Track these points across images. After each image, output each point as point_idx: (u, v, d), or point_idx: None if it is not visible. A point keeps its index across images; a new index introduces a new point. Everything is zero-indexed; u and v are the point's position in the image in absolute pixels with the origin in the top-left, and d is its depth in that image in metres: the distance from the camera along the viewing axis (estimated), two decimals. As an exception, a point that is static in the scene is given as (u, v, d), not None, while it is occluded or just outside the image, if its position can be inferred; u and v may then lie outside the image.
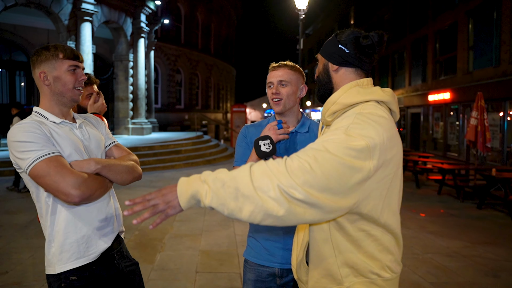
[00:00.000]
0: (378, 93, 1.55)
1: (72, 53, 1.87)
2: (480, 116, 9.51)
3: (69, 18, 13.88)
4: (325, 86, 1.68)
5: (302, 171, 1.24)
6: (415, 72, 22.91)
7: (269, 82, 2.18)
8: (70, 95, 1.86)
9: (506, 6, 14.39)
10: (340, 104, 1.54)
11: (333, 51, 1.64)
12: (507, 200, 7.68)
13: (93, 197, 1.76)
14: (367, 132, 1.35)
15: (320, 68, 1.70)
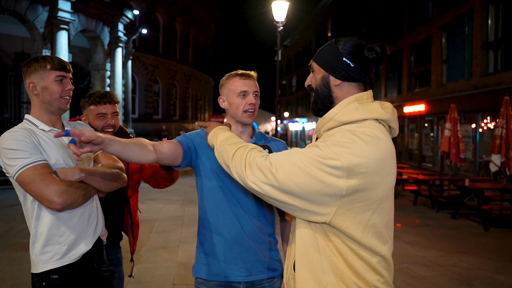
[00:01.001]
0: (377, 111, 1.48)
1: (60, 64, 1.96)
2: (453, 127, 9.75)
3: (45, 26, 13.65)
4: (324, 100, 1.56)
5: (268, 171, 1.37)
6: (390, 84, 23.38)
7: (242, 91, 2.00)
8: (57, 104, 1.96)
9: (477, 22, 14.88)
10: (337, 121, 1.48)
11: (336, 65, 1.52)
12: (480, 210, 7.85)
13: (76, 204, 1.85)
14: (349, 151, 1.33)
15: (318, 80, 1.58)
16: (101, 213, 2.13)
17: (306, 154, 1.36)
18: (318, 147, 1.38)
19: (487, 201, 8.84)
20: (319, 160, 1.32)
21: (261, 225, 2.04)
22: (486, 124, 15.05)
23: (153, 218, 7.75)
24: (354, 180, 1.32)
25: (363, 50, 1.51)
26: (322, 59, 1.57)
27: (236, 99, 2.02)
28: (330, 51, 1.55)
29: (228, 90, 2.05)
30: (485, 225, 7.66)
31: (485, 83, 14.35)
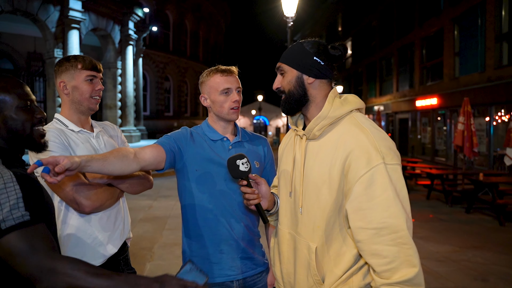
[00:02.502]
0: (356, 102, 1.62)
1: (91, 64, 1.97)
2: (466, 121, 9.62)
3: (56, 26, 13.77)
4: (300, 100, 1.63)
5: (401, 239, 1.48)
6: (402, 78, 23.15)
7: (225, 88, 1.98)
8: (87, 104, 1.97)
9: (490, 13, 14.63)
10: (330, 118, 1.56)
11: (308, 63, 1.60)
12: (494, 204, 7.75)
13: (103, 207, 1.86)
14: (391, 149, 1.50)
15: (290, 80, 1.63)
16: (127, 216, 2.13)
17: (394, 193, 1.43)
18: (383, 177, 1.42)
19: (502, 195, 8.71)
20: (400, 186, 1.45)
21: (249, 224, 2.05)
22: (500, 117, 14.82)
23: (165, 215, 7.80)
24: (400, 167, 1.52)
25: (327, 49, 1.61)
26: (293, 60, 1.63)
27: (220, 97, 1.99)
28: (300, 52, 1.62)
29: (209, 87, 2.02)
30: (500, 219, 7.56)
31: (499, 75, 14.12)
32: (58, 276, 1.18)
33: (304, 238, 1.62)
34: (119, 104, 17.53)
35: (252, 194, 1.67)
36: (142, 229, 6.83)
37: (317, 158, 1.58)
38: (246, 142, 2.11)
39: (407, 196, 1.46)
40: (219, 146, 2.03)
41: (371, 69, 27.91)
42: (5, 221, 1.16)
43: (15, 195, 1.19)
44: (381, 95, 26.30)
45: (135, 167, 1.74)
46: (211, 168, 1.97)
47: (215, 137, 2.04)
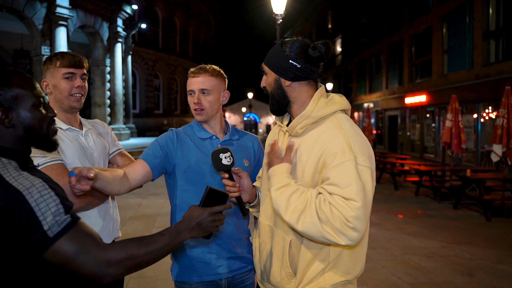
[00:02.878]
0: (341, 103, 1.64)
1: (69, 61, 1.93)
2: (454, 118, 9.71)
3: (43, 23, 13.61)
4: (281, 101, 1.67)
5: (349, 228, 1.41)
6: (392, 75, 23.29)
7: (190, 90, 2.04)
8: (67, 102, 1.94)
9: (478, 11, 14.77)
10: (313, 117, 1.60)
11: (284, 67, 1.62)
12: (481, 200, 7.84)
13: (91, 205, 1.85)
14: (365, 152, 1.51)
15: (270, 82, 1.68)
16: (116, 215, 2.11)
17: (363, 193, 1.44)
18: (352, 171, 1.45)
19: (489, 191, 8.83)
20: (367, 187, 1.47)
21: (238, 223, 2.07)
22: (487, 114, 14.99)
23: (155, 213, 7.77)
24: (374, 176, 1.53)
25: (308, 49, 1.61)
26: (271, 63, 1.66)
27: (188, 98, 2.06)
28: (278, 54, 1.64)
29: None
30: (487, 215, 7.66)
31: (487, 73, 14.28)
32: (116, 265, 1.22)
33: (280, 231, 1.66)
34: (108, 102, 17.41)
35: (233, 187, 1.72)
36: (132, 227, 6.80)
37: (296, 155, 1.62)
38: (236, 140, 2.12)
39: (371, 200, 1.49)
40: (208, 144, 2.04)
41: (361, 66, 28.03)
42: (51, 229, 1.16)
43: (53, 202, 1.18)
44: (371, 92, 26.44)
45: (128, 187, 1.81)
46: (199, 168, 1.99)
47: (203, 136, 2.06)
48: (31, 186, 1.17)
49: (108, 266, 1.21)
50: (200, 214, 1.40)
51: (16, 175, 1.20)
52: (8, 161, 1.25)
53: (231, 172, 1.73)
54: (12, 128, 1.26)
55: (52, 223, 1.16)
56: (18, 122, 1.27)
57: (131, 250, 1.26)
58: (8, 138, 1.27)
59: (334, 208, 1.41)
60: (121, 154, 2.18)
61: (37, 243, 1.15)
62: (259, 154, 2.19)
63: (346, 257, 1.59)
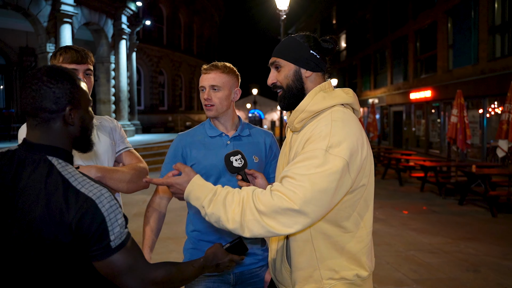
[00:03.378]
0: (342, 96, 1.60)
1: (71, 56, 1.90)
2: (460, 113, 9.67)
3: (48, 20, 13.64)
4: (298, 94, 1.64)
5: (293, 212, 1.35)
6: (396, 70, 23.18)
7: (201, 86, 2.08)
8: None
9: (483, 5, 14.65)
10: (308, 111, 1.58)
11: (305, 57, 1.61)
12: (487, 196, 7.82)
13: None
14: (343, 147, 1.42)
15: (288, 75, 1.64)
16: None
17: (315, 175, 1.38)
18: (317, 157, 1.41)
19: (495, 187, 8.79)
20: (328, 173, 1.38)
21: None
22: (493, 109, 14.90)
23: (160, 210, 7.80)
24: (353, 173, 1.44)
25: (319, 42, 1.64)
26: (289, 55, 1.64)
27: (200, 94, 2.10)
28: (297, 45, 1.63)
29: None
30: (493, 211, 7.63)
31: (492, 68, 14.17)
32: (157, 285, 1.28)
33: None
34: (112, 99, 17.44)
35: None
36: (136, 223, 6.82)
37: (292, 150, 1.63)
38: (246, 136, 2.14)
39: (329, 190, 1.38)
40: (217, 142, 2.09)
41: (366, 62, 27.91)
42: (114, 240, 1.19)
43: (120, 214, 1.22)
44: (376, 88, 26.34)
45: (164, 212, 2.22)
46: (209, 166, 2.04)
47: (213, 134, 2.11)
48: (101, 195, 1.19)
49: (150, 285, 1.26)
50: (223, 257, 1.48)
51: (81, 180, 1.21)
52: (65, 163, 1.25)
53: (244, 173, 1.76)
54: (72, 127, 1.28)
55: (118, 234, 1.20)
56: (78, 121, 1.29)
57: (172, 274, 1.32)
58: (64, 138, 1.28)
59: (277, 193, 1.38)
60: (129, 153, 2.13)
61: (98, 251, 1.18)
62: (273, 150, 2.20)
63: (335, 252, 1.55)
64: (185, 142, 2.11)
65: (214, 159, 2.03)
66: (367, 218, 1.59)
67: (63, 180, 1.18)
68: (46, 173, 1.19)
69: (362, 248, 1.57)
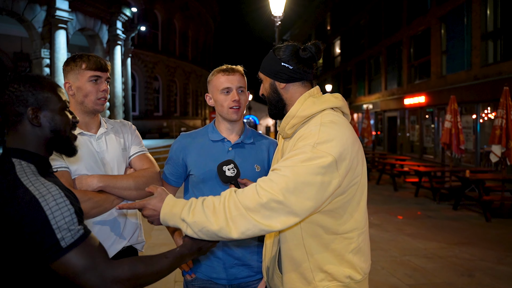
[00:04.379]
0: (331, 101, 1.64)
1: (95, 63, 1.91)
2: (453, 119, 9.74)
3: (43, 26, 13.62)
4: (277, 104, 1.71)
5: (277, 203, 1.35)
6: (390, 76, 23.31)
7: (225, 88, 1.98)
8: (92, 105, 1.92)
9: (476, 12, 14.80)
10: (299, 117, 1.61)
11: (277, 70, 1.67)
12: (480, 201, 7.86)
13: (90, 215, 1.78)
14: (332, 145, 1.43)
15: (266, 87, 1.73)
16: (134, 219, 2.03)
17: (299, 166, 1.39)
18: (304, 152, 1.43)
19: (488, 192, 8.84)
20: (314, 166, 1.39)
21: None
22: (486, 114, 15.00)
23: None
24: (342, 170, 1.44)
25: (298, 51, 1.66)
26: (265, 68, 1.72)
27: (220, 96, 2.00)
28: (271, 59, 1.70)
29: (213, 87, 2.04)
30: (486, 215, 7.67)
31: (485, 73, 14.30)
32: (122, 283, 1.24)
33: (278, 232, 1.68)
34: (107, 105, 17.42)
35: None
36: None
37: (284, 156, 1.61)
38: (248, 144, 2.09)
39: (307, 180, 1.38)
40: (219, 147, 2.04)
41: (360, 67, 28.05)
42: (64, 239, 1.16)
43: (68, 211, 1.18)
44: (370, 93, 26.46)
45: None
46: (208, 172, 2.00)
47: (215, 138, 2.05)
48: (47, 193, 1.18)
49: (114, 284, 1.22)
50: (201, 241, 1.46)
51: (34, 179, 1.21)
52: (27, 164, 1.26)
53: (237, 182, 1.75)
54: (38, 128, 1.30)
55: (66, 233, 1.16)
56: (45, 123, 1.30)
57: (138, 269, 1.28)
58: (33, 141, 1.30)
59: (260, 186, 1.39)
60: (140, 157, 2.08)
61: (48, 252, 1.15)
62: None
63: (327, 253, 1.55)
64: (185, 144, 2.06)
65: (213, 166, 1.97)
66: (358, 219, 1.58)
67: (15, 180, 1.20)
68: (4, 174, 1.22)
69: (353, 249, 1.57)
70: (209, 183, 2.00)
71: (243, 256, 2.02)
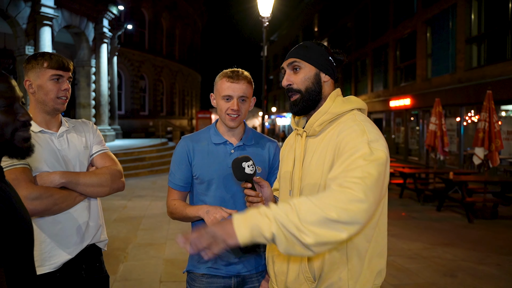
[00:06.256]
0: (358, 102, 1.65)
1: (57, 62, 1.89)
2: (438, 121, 9.86)
3: (28, 22, 13.42)
4: (315, 98, 1.63)
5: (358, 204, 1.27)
6: (377, 78, 23.53)
7: (226, 95, 1.96)
8: (52, 104, 1.90)
9: (461, 16, 15.03)
10: (331, 113, 1.59)
11: (324, 62, 1.64)
12: (463, 202, 7.97)
13: (51, 211, 1.77)
14: (382, 143, 1.45)
15: (309, 77, 1.63)
16: (97, 219, 2.04)
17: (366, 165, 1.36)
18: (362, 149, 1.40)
19: (471, 193, 8.97)
20: (377, 163, 1.37)
21: None
22: (470, 117, 15.24)
23: (140, 215, 7.72)
24: (388, 167, 1.45)
25: (332, 53, 1.68)
26: (312, 58, 1.63)
27: (221, 101, 2.00)
28: (317, 50, 1.65)
29: (217, 90, 2.03)
30: (469, 217, 7.79)
31: (469, 77, 14.52)
32: None
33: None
34: (93, 103, 17.22)
35: (256, 197, 1.67)
36: (116, 229, 6.74)
37: (315, 154, 1.59)
38: (250, 146, 2.09)
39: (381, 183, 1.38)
40: (221, 150, 2.04)
41: (347, 69, 28.25)
42: None
43: None
44: (356, 95, 26.56)
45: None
46: (212, 174, 2.01)
47: (217, 141, 2.05)
48: None
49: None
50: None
51: None
52: None
53: (253, 181, 1.69)
54: None
55: None
56: None
57: None
58: None
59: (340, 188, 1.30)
60: (102, 155, 2.08)
61: None
62: (277, 160, 2.12)
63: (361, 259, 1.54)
64: (189, 147, 2.05)
65: (217, 168, 1.99)
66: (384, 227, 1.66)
67: None
68: None
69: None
70: (213, 185, 2.00)
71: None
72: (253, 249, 1.53)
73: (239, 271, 2.02)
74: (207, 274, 2.02)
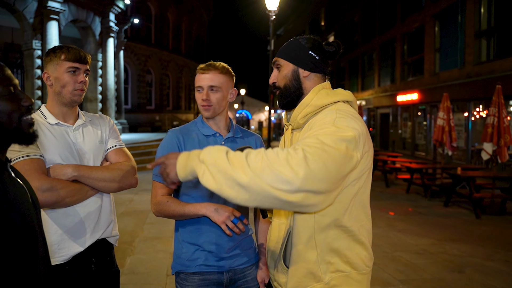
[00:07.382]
0: (343, 94, 1.66)
1: (74, 55, 1.92)
2: (446, 116, 9.79)
3: (35, 16, 13.45)
4: (295, 93, 1.69)
5: (303, 164, 1.23)
6: (384, 73, 23.38)
7: (198, 86, 2.02)
8: (69, 96, 1.93)
9: (470, 10, 14.87)
10: (314, 106, 1.61)
11: (303, 57, 1.67)
12: (471, 198, 7.92)
13: (62, 204, 1.79)
14: (352, 124, 1.44)
15: (286, 74, 1.69)
16: (109, 214, 2.05)
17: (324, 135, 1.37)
18: (326, 128, 1.42)
19: (479, 189, 8.91)
20: (338, 137, 1.37)
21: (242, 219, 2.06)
22: (478, 112, 15.12)
23: (146, 209, 7.75)
24: (360, 151, 1.43)
25: (322, 45, 1.69)
26: (289, 54, 1.70)
27: (196, 94, 2.06)
28: (296, 46, 1.69)
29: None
30: (477, 212, 7.74)
31: (478, 71, 14.39)
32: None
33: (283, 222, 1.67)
34: (99, 97, 17.27)
35: None
36: (123, 223, 6.77)
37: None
38: (239, 138, 2.13)
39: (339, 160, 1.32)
40: (212, 141, 2.05)
41: (353, 64, 28.10)
42: None
43: None
44: (363, 90, 26.53)
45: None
46: None
47: (207, 132, 2.07)
48: None
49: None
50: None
51: None
52: None
53: None
54: None
55: None
56: None
57: None
58: None
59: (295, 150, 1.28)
60: (117, 151, 2.09)
61: None
62: None
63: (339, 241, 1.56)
64: (179, 138, 2.05)
65: None
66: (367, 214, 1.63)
67: None
68: None
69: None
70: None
71: (239, 243, 2.04)
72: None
73: (230, 266, 2.01)
74: (198, 272, 1.98)
